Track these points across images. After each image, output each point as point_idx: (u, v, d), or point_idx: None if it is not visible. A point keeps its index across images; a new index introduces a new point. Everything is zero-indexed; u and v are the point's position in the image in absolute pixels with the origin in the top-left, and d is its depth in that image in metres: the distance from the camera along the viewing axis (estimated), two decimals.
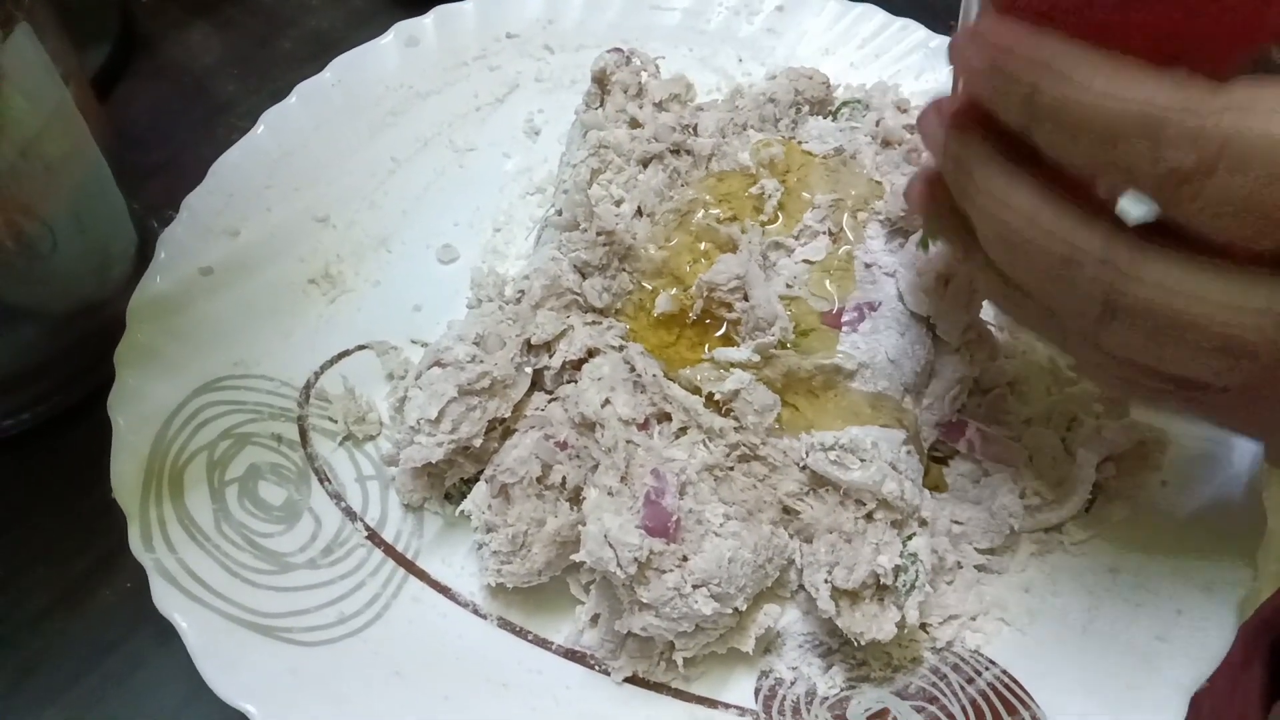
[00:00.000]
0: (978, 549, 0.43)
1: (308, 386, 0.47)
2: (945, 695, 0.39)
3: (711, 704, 0.40)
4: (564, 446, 0.41)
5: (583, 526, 0.38)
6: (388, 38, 0.58)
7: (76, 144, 0.44)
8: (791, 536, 0.41)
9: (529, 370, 0.44)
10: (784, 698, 0.40)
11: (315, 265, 0.51)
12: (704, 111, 0.50)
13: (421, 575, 0.43)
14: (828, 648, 0.41)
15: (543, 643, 0.41)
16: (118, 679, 0.42)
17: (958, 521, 0.43)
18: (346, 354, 0.49)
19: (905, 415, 0.42)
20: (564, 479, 0.41)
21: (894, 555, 0.38)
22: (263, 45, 0.66)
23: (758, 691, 0.40)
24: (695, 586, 0.37)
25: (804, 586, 0.40)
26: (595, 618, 0.41)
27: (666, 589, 0.37)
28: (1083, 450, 0.43)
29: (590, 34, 0.61)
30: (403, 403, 0.45)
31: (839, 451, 0.40)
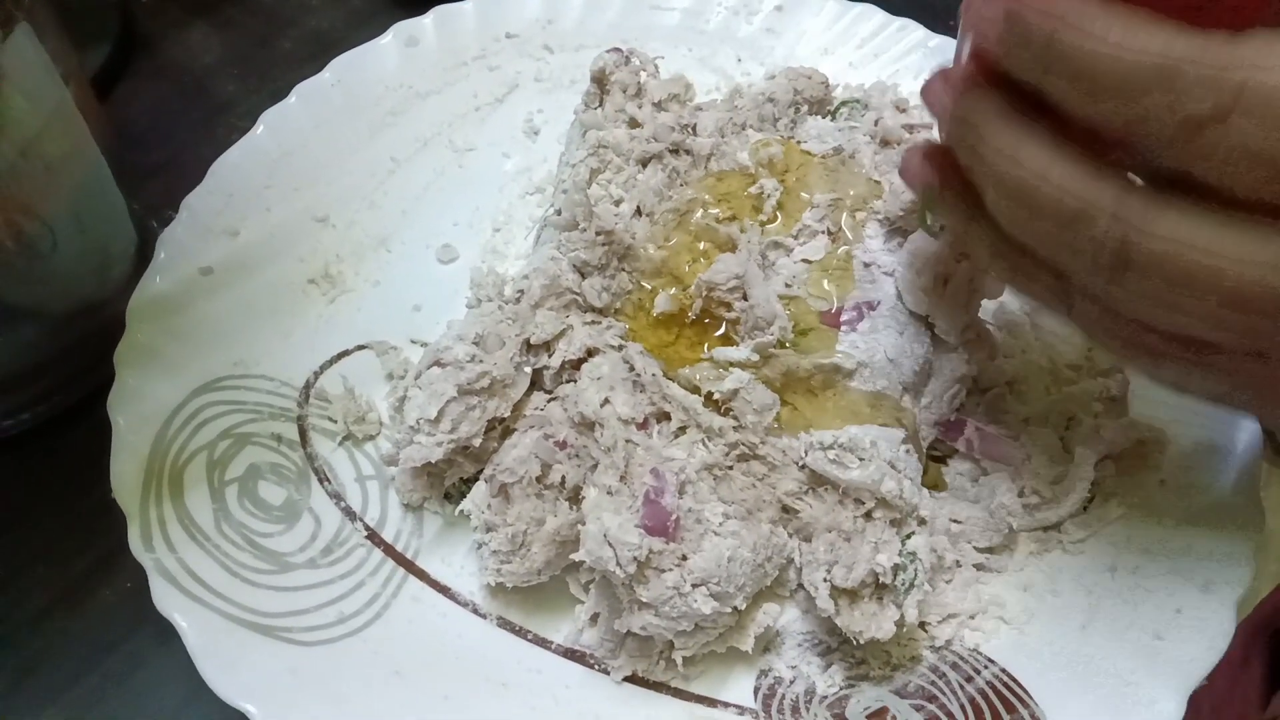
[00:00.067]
0: (976, 548, 0.43)
1: (307, 386, 0.47)
2: (944, 694, 0.39)
3: (711, 703, 0.40)
4: (563, 446, 0.42)
5: (582, 526, 0.38)
6: (387, 38, 0.58)
7: (76, 144, 0.44)
8: (790, 535, 0.41)
9: (528, 370, 0.44)
10: (783, 696, 0.40)
11: (315, 265, 0.51)
12: (703, 111, 0.50)
13: (421, 575, 0.43)
14: (827, 646, 0.41)
15: (542, 642, 0.41)
16: (118, 679, 0.43)
17: (956, 520, 0.43)
18: (346, 354, 0.49)
19: (904, 414, 0.42)
20: (563, 478, 0.41)
21: (893, 554, 0.38)
22: (262, 45, 0.67)
23: (757, 690, 0.40)
24: (694, 585, 0.37)
25: (803, 585, 0.40)
26: (595, 617, 0.41)
27: (666, 588, 0.37)
28: (1081, 449, 0.43)
29: (590, 34, 0.61)
30: (402, 402, 0.45)
31: (838, 450, 0.40)
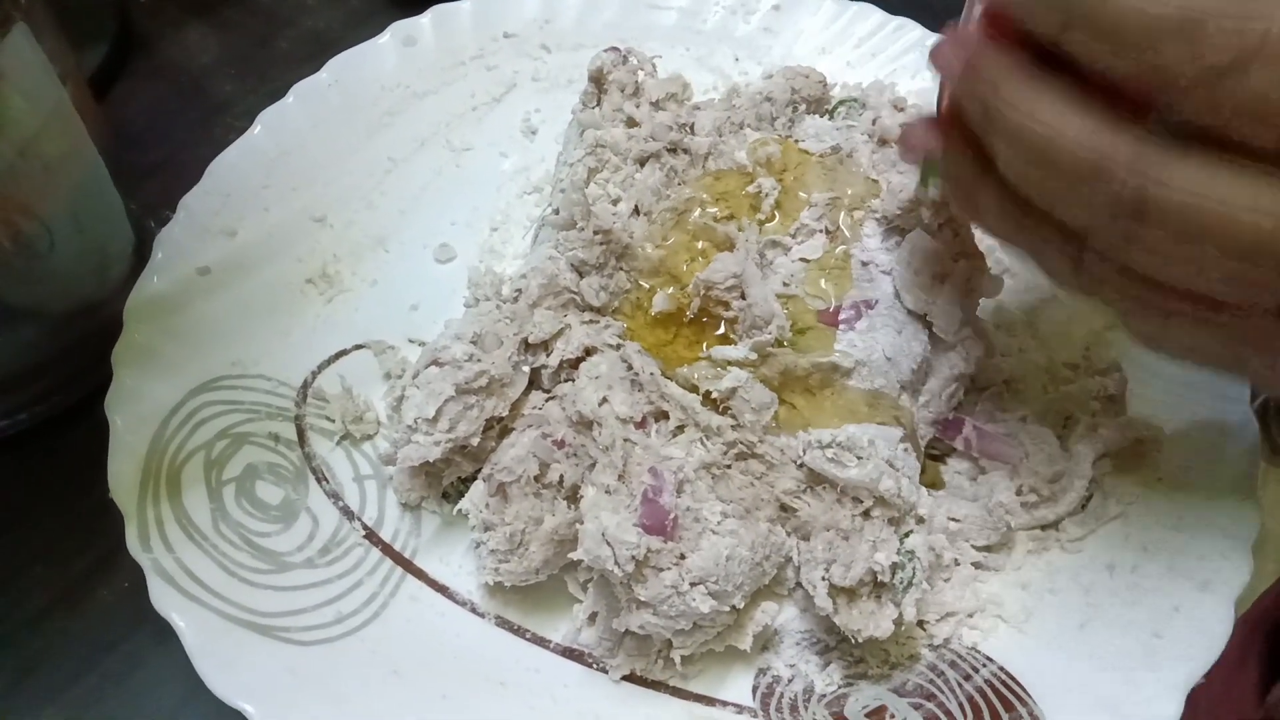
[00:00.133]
0: (975, 546, 0.43)
1: (305, 386, 0.47)
2: (943, 692, 0.39)
3: (709, 702, 0.40)
4: (561, 445, 0.42)
5: (580, 525, 0.38)
6: (385, 37, 0.58)
7: (74, 144, 0.44)
8: (789, 534, 0.41)
9: (526, 369, 0.44)
10: (782, 695, 0.40)
11: (313, 265, 0.51)
12: (701, 110, 0.50)
13: (419, 574, 0.43)
14: (825, 645, 0.41)
15: (541, 641, 0.41)
16: (116, 679, 0.43)
17: (955, 519, 0.43)
18: (344, 353, 0.49)
19: (902, 413, 0.42)
20: (561, 477, 0.41)
21: (891, 552, 0.38)
22: (260, 45, 0.66)
23: (755, 689, 0.40)
24: (693, 584, 0.37)
25: (801, 584, 0.40)
26: (593, 616, 0.41)
27: (664, 587, 0.37)
28: (1079, 447, 0.43)
29: (587, 33, 0.61)
30: (400, 402, 0.45)
31: (836, 449, 0.40)
